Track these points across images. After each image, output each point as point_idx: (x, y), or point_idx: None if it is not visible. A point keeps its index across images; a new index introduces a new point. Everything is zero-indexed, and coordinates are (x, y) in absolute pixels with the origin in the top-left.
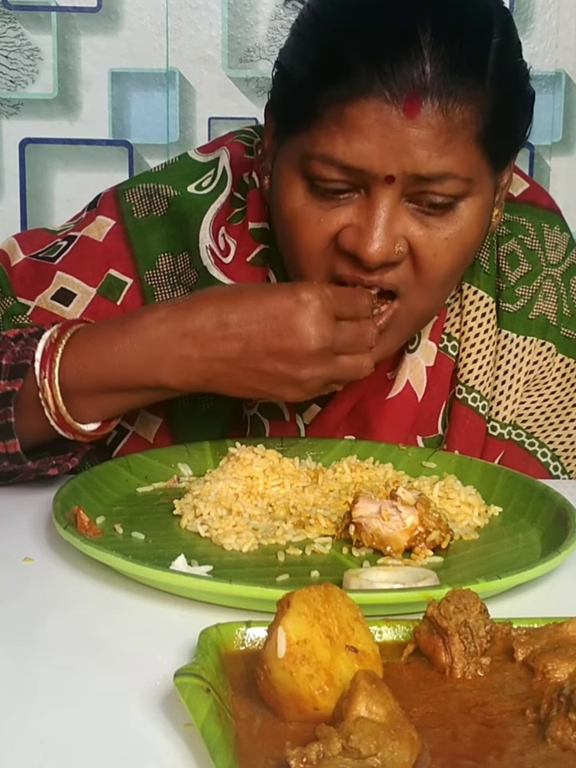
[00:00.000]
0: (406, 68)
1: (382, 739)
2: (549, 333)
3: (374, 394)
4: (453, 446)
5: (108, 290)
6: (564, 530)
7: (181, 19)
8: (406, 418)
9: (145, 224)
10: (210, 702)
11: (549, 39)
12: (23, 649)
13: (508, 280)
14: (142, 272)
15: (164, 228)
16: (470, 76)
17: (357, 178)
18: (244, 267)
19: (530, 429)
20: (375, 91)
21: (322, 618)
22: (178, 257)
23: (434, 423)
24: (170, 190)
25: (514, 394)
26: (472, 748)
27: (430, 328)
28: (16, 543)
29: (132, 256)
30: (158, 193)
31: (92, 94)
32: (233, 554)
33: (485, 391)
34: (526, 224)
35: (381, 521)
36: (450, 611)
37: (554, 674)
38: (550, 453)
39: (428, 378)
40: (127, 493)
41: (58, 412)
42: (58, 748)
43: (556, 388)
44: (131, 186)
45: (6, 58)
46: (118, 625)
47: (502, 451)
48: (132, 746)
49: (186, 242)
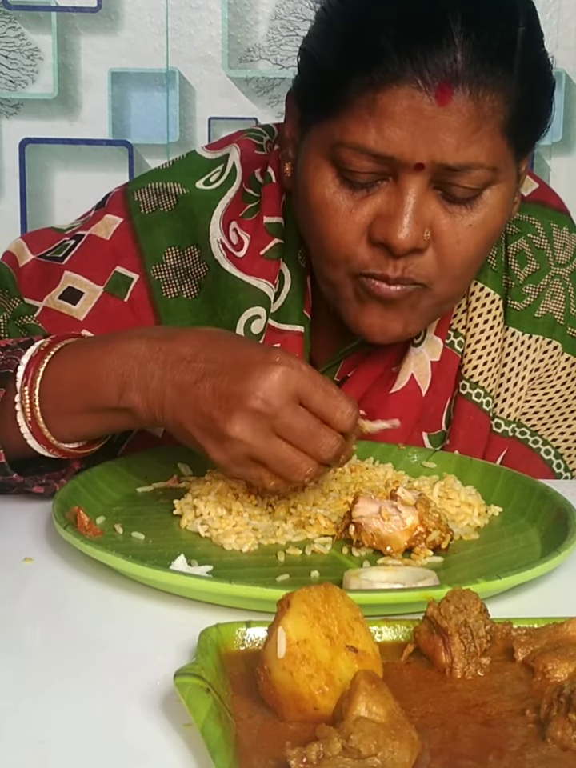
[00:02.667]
0: (438, 56)
1: (382, 739)
2: (555, 332)
3: (379, 388)
4: (456, 442)
5: (115, 288)
6: (564, 530)
7: (181, 19)
8: (411, 413)
9: (152, 219)
10: (210, 701)
11: (549, 39)
12: (23, 649)
13: (516, 278)
14: (148, 267)
15: (171, 222)
16: (499, 65)
17: (387, 166)
18: (258, 260)
19: (535, 427)
20: (407, 78)
21: (321, 617)
22: (186, 251)
23: (439, 419)
24: (179, 187)
25: (519, 392)
26: (472, 748)
27: (437, 323)
28: (16, 543)
29: (139, 251)
30: (166, 191)
31: (92, 94)
32: (233, 554)
33: (489, 388)
34: (536, 223)
35: (381, 521)
36: (450, 611)
37: (553, 674)
38: (553, 450)
39: (433, 373)
40: (127, 493)
41: (35, 423)
42: (58, 748)
43: (561, 387)
44: (140, 185)
45: (6, 58)
46: (118, 625)
47: (506, 448)
48: (132, 746)
49: (194, 236)
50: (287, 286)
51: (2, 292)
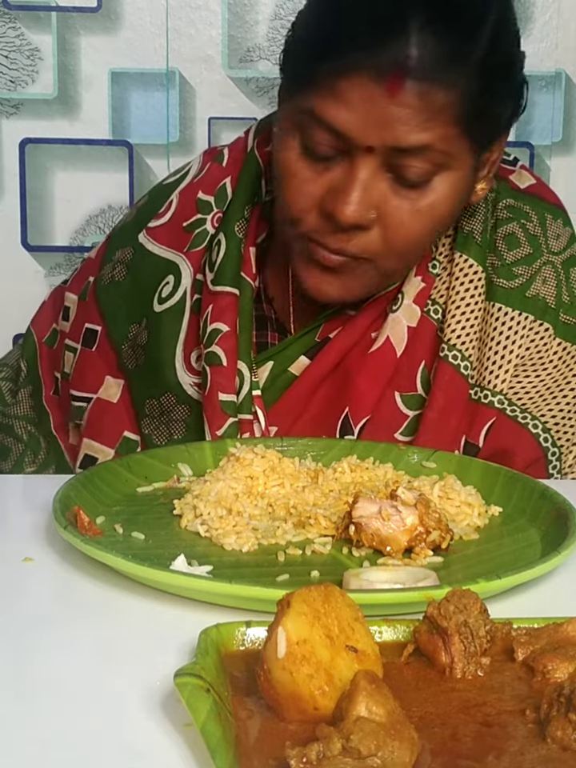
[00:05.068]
0: (393, 49)
1: (382, 739)
2: (547, 315)
3: (358, 349)
4: (434, 402)
5: (83, 293)
6: (564, 530)
7: (181, 19)
8: (384, 371)
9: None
10: (210, 701)
11: (549, 39)
12: (23, 648)
13: (504, 258)
14: (100, 269)
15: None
16: (453, 63)
17: (342, 144)
18: (177, 231)
19: (525, 405)
20: (363, 67)
21: (322, 617)
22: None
23: (413, 380)
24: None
25: (506, 365)
26: (472, 748)
27: (415, 293)
28: (16, 543)
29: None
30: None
31: (92, 94)
32: (233, 554)
33: (468, 353)
34: (530, 212)
35: (381, 521)
36: (449, 611)
37: (554, 674)
38: (541, 425)
39: (409, 337)
40: (127, 493)
41: None
42: (58, 748)
43: (553, 370)
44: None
45: (6, 58)
46: (117, 625)
47: (494, 418)
48: (132, 746)
49: None
50: (221, 254)
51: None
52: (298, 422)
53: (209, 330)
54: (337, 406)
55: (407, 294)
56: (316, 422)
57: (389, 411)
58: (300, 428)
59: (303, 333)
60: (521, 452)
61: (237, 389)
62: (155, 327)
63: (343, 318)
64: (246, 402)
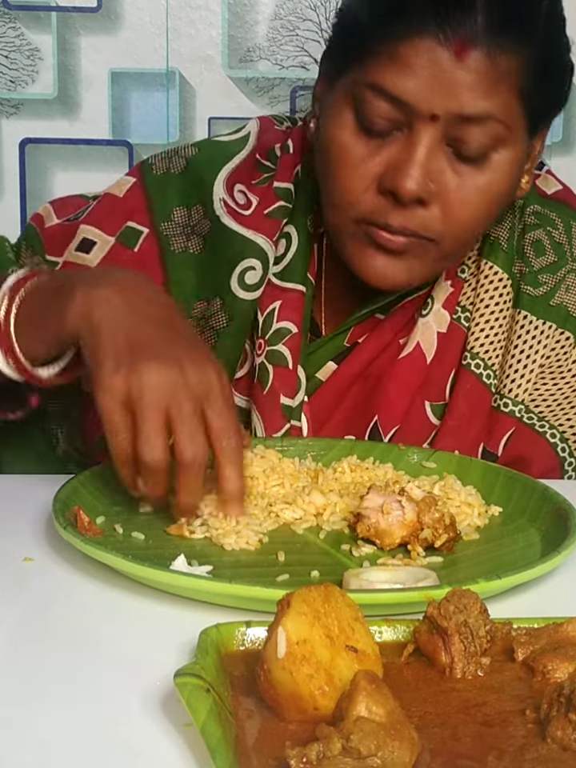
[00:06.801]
0: (461, 15)
1: (382, 739)
2: (569, 323)
3: (387, 354)
4: (455, 410)
5: (126, 239)
6: (564, 530)
7: (181, 19)
8: (414, 378)
9: (162, 179)
10: (209, 701)
11: None
12: (23, 649)
13: (531, 265)
14: (158, 223)
15: (180, 183)
16: (519, 30)
17: (402, 114)
18: (260, 218)
19: (542, 414)
20: (429, 32)
21: (322, 617)
22: (192, 209)
23: (443, 390)
24: (190, 149)
25: (528, 374)
26: (472, 748)
27: (445, 297)
28: (16, 543)
29: (149, 209)
30: (177, 154)
31: (92, 94)
32: (233, 554)
33: (491, 362)
34: (556, 219)
35: (380, 514)
36: (450, 611)
37: (554, 674)
38: (559, 434)
39: (438, 343)
40: (127, 493)
41: (9, 339)
42: (58, 748)
43: (571, 378)
44: (156, 152)
45: (6, 58)
46: (118, 625)
47: (513, 428)
48: (132, 746)
49: (200, 196)
50: (293, 248)
51: (27, 249)
52: (324, 428)
53: (274, 326)
54: (366, 414)
55: (437, 299)
56: (343, 429)
57: (418, 421)
58: (327, 434)
59: (333, 335)
60: (537, 460)
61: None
62: (238, 314)
63: (372, 323)
64: (298, 408)
